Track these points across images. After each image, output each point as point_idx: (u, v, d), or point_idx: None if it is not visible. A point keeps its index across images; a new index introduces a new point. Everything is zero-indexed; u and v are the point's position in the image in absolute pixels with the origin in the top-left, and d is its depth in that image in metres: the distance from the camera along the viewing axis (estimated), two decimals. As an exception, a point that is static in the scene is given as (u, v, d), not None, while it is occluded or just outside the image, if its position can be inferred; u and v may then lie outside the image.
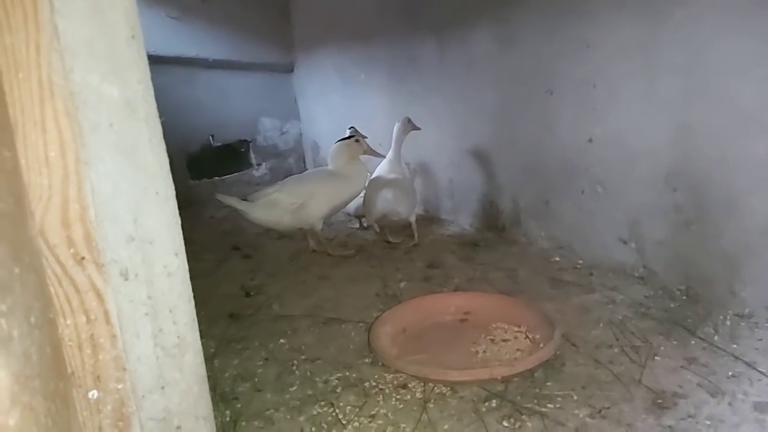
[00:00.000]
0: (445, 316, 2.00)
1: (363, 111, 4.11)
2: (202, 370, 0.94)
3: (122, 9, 0.77)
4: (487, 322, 1.91)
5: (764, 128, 1.70)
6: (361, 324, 2.04)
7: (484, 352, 1.74)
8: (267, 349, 1.93)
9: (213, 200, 2.85)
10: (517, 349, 1.73)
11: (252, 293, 2.48)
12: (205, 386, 0.96)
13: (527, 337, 1.80)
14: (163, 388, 0.86)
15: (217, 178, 5.07)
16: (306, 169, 5.28)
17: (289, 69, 5.18)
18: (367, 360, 1.77)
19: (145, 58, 0.81)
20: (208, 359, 1.84)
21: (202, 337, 0.94)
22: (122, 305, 0.80)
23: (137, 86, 0.80)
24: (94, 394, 0.79)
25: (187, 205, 4.45)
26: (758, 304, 1.82)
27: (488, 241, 2.93)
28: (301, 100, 5.25)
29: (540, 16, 2.43)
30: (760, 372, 1.51)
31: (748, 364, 1.55)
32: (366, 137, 3.07)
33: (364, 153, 2.97)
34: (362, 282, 2.48)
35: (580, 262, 2.47)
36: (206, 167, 4.97)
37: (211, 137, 4.98)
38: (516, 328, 1.85)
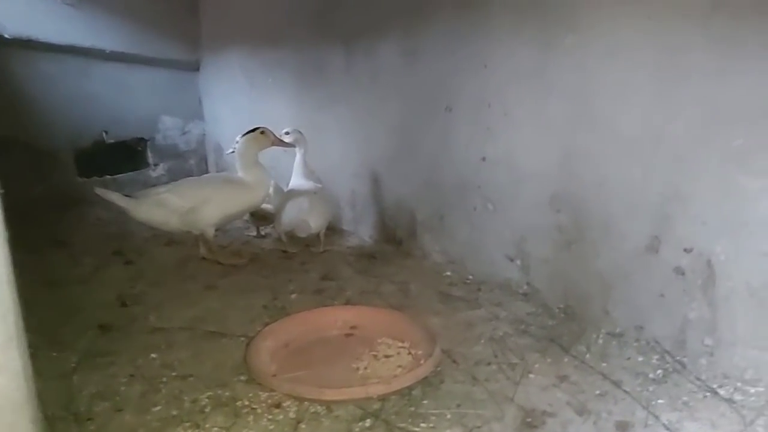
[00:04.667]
0: (332, 330, 1.96)
1: (269, 115, 3.99)
2: (18, 396, 0.83)
3: None
4: (373, 337, 1.88)
5: (641, 156, 1.79)
6: (242, 338, 1.94)
7: (366, 368, 1.70)
8: (135, 364, 1.79)
9: (102, 200, 2.65)
10: (399, 366, 1.71)
11: (129, 303, 2.31)
12: (25, 413, 0.85)
13: (410, 353, 1.78)
14: (-39, 418, 0.75)
15: (108, 176, 4.76)
16: (208, 172, 5.08)
17: (195, 67, 4.97)
18: (242, 377, 1.69)
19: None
20: (66, 375, 1.69)
21: (63, 350, 0.85)
22: None
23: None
24: None
25: (73, 204, 4.17)
26: (628, 324, 1.91)
27: (385, 253, 2.92)
28: (206, 100, 5.05)
29: (443, 32, 2.46)
30: (625, 391, 1.57)
31: (614, 383, 1.62)
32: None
33: (273, 144, 2.85)
34: (251, 293, 2.38)
35: (470, 277, 2.50)
36: (98, 165, 4.65)
37: (104, 133, 4.67)
38: (400, 344, 1.84)
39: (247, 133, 2.82)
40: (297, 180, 3.04)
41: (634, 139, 1.80)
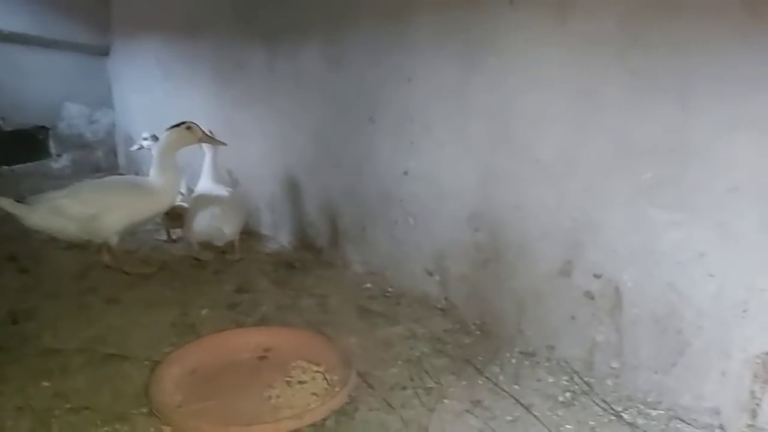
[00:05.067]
0: (243, 353, 1.87)
1: (185, 109, 3.78)
2: None
3: None
4: (287, 360, 1.82)
5: (555, 182, 1.82)
6: (147, 362, 1.82)
7: (278, 397, 1.64)
8: (25, 394, 1.64)
9: (4, 193, 2.41)
10: (313, 393, 1.66)
11: (20, 319, 2.12)
12: None
13: (325, 378, 1.73)
14: None
15: (6, 167, 4.39)
16: (118, 165, 4.78)
17: (104, 52, 4.65)
18: (144, 409, 1.58)
19: None
20: (-60, 410, 1.51)
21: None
22: None
23: None
24: None
25: None
26: (540, 343, 1.95)
27: (305, 262, 2.84)
28: (116, 87, 4.74)
29: (368, 42, 2.40)
30: (535, 416, 1.60)
31: (526, 408, 1.64)
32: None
33: (200, 141, 2.67)
34: (158, 308, 2.25)
35: (390, 289, 2.48)
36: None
37: (1, 120, 4.29)
38: (315, 367, 1.79)
39: (172, 127, 2.61)
40: (206, 183, 2.88)
41: (549, 164, 1.83)
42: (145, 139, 3.33)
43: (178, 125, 2.62)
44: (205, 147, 2.86)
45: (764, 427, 1.47)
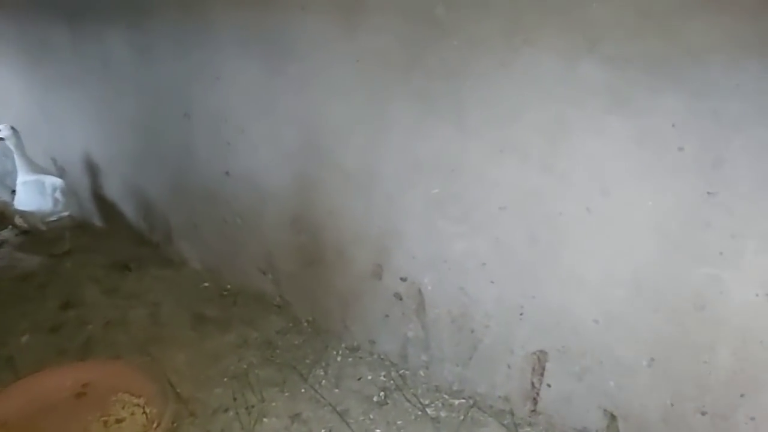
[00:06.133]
0: (61, 392, 1.81)
1: (-6, 91, 3.40)
2: None
3: None
4: (107, 395, 1.79)
5: (362, 191, 1.86)
6: (-52, 418, 1.72)
7: (94, 441, 1.63)
8: None
9: None
10: (130, 433, 1.66)
11: None
12: None
13: (144, 411, 1.74)
14: None
15: None
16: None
17: None
18: (-60, 484, 1.51)
19: None
20: None
21: None
22: None
23: None
24: None
25: None
26: (363, 338, 2.06)
27: (142, 260, 2.74)
28: None
29: (174, 34, 2.22)
30: (348, 424, 1.72)
31: (341, 416, 1.75)
32: None
33: None
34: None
35: (228, 287, 2.48)
36: None
37: None
38: (135, 401, 1.77)
39: None
40: (27, 176, 2.75)
41: (354, 174, 1.86)
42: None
43: None
44: (7, 142, 2.69)
45: (544, 411, 1.69)
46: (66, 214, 2.74)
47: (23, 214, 2.75)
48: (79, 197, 2.99)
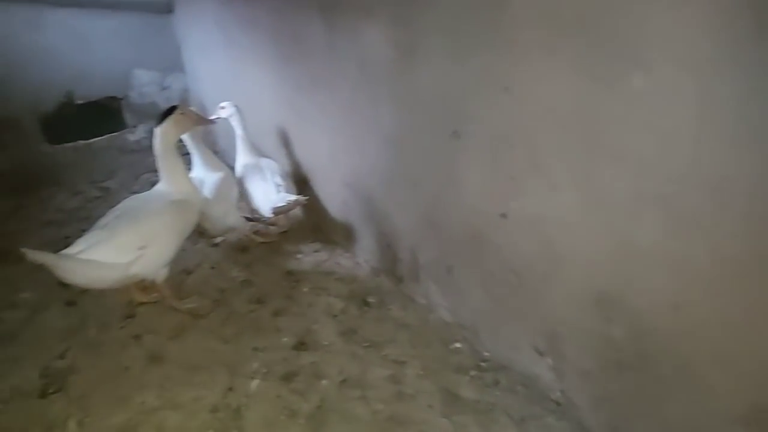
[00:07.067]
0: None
1: (248, 83, 3.30)
2: None
3: None
4: None
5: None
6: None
7: None
8: None
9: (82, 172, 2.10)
10: None
11: (52, 389, 1.84)
12: None
13: None
14: None
15: (82, 142, 4.18)
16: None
17: (167, 9, 4.18)
18: None
19: None
20: None
21: None
22: None
23: None
24: None
25: (43, 177, 3.67)
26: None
27: (383, 293, 2.33)
28: (184, 49, 4.30)
29: (451, 31, 1.69)
30: None
31: None
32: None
33: (196, 125, 2.37)
34: (202, 375, 1.88)
35: (486, 355, 1.93)
36: (69, 129, 4.07)
37: (69, 93, 4.02)
38: None
39: (164, 116, 2.19)
40: (246, 158, 2.77)
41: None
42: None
43: (169, 112, 2.21)
44: (233, 123, 2.79)
45: None
46: (292, 199, 2.45)
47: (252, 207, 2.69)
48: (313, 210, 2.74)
